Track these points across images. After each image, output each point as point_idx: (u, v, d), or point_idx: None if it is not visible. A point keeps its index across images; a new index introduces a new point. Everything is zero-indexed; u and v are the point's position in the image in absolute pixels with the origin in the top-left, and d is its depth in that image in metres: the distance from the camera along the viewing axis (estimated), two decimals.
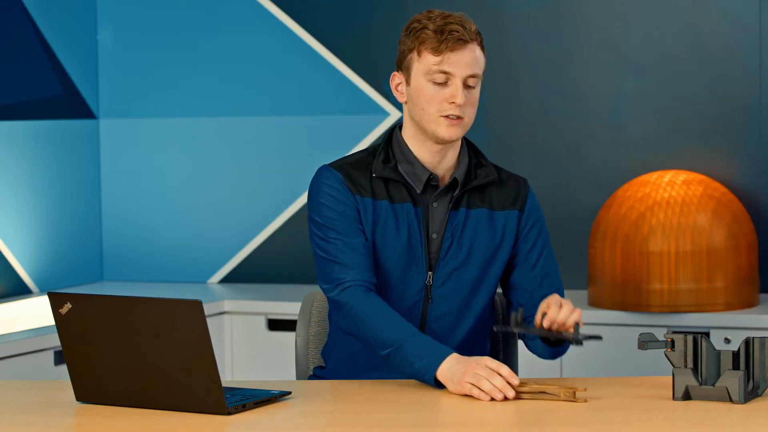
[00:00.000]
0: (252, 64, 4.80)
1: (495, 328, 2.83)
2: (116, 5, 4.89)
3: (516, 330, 2.65)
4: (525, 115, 4.55)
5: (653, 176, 4.18)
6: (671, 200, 4.05)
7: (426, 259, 2.85)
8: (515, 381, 2.55)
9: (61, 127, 4.73)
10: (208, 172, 4.86)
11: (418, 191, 2.85)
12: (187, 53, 4.85)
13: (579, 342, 2.59)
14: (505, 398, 2.52)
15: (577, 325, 2.61)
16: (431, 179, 2.86)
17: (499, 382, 2.54)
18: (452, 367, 2.61)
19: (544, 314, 2.66)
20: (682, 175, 4.16)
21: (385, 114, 4.68)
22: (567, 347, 2.84)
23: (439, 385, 2.62)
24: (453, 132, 2.82)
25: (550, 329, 2.63)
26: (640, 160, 4.43)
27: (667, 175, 4.16)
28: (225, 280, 4.87)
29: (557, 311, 2.64)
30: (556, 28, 4.52)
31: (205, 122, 4.85)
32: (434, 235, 2.87)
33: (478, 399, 2.52)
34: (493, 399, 2.52)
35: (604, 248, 4.10)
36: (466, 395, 2.55)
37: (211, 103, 4.84)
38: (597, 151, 4.50)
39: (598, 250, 4.12)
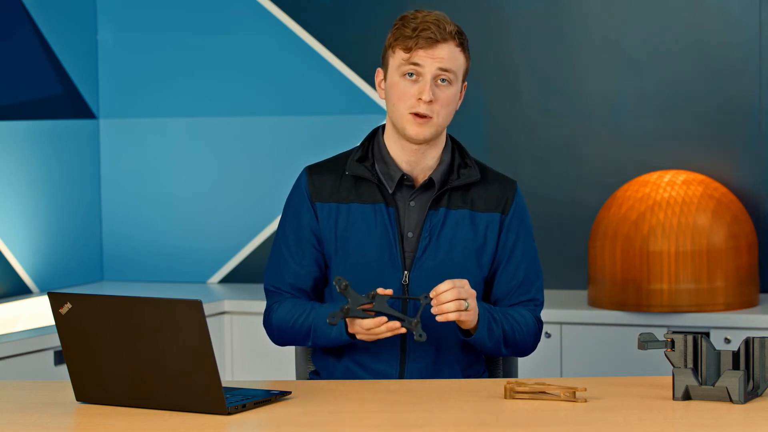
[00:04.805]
0: (252, 64, 4.80)
1: (328, 320, 2.68)
2: (116, 5, 4.89)
3: (351, 316, 2.68)
4: (525, 115, 4.54)
5: (653, 176, 4.18)
6: (671, 200, 4.05)
7: (402, 258, 2.85)
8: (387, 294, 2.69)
9: (61, 127, 4.72)
10: (208, 172, 4.86)
11: (390, 191, 2.86)
12: (187, 53, 4.85)
13: (410, 330, 2.68)
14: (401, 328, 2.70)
15: (419, 320, 2.66)
16: (405, 179, 2.87)
17: (384, 332, 2.69)
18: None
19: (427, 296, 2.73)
20: (682, 175, 4.16)
21: (385, 113, 4.67)
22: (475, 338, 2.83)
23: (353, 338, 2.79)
24: (421, 132, 2.84)
25: (379, 312, 2.69)
26: (640, 160, 4.43)
27: (667, 175, 4.16)
28: (225, 280, 4.87)
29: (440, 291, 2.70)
30: (556, 28, 4.52)
31: (205, 122, 4.85)
32: (410, 234, 2.87)
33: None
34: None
35: (604, 248, 4.10)
36: (464, 394, 2.56)
37: (211, 103, 4.84)
38: (597, 151, 4.50)
39: (598, 250, 4.12)
